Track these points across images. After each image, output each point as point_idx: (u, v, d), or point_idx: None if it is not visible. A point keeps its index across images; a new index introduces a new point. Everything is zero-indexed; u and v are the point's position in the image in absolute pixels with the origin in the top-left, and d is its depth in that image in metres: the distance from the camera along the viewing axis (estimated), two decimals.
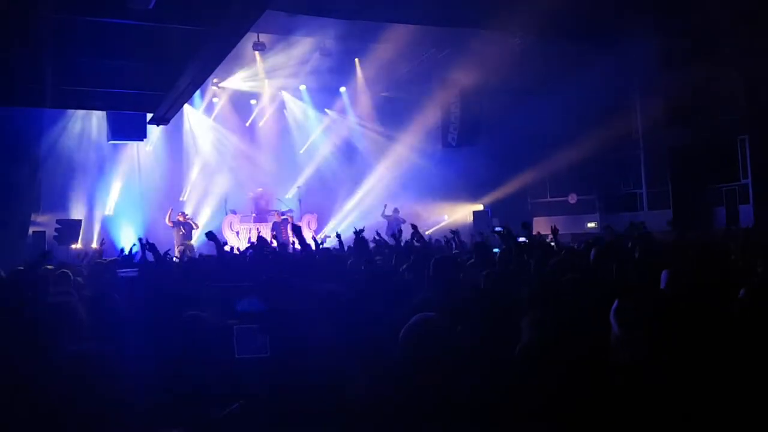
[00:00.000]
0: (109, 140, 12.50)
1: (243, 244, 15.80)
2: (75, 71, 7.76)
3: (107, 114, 11.95)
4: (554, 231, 6.92)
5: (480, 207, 16.55)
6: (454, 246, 8.29)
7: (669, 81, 12.91)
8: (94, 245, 14.72)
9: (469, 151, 15.54)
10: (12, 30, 6.48)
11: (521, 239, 6.35)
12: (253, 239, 10.29)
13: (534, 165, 15.19)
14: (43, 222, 14.04)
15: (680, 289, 3.51)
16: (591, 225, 15.21)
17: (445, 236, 8.81)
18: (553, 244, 7.00)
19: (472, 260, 6.11)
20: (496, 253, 6.24)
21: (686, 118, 13.33)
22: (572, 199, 16.15)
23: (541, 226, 13.92)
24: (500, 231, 6.87)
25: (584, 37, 12.04)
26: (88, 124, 15.20)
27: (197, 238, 15.26)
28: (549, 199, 16.78)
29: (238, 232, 16.34)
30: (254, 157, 17.87)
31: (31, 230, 13.65)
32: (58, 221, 13.78)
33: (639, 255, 5.73)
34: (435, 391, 2.23)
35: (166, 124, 10.77)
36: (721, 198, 13.76)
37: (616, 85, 13.86)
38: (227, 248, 14.57)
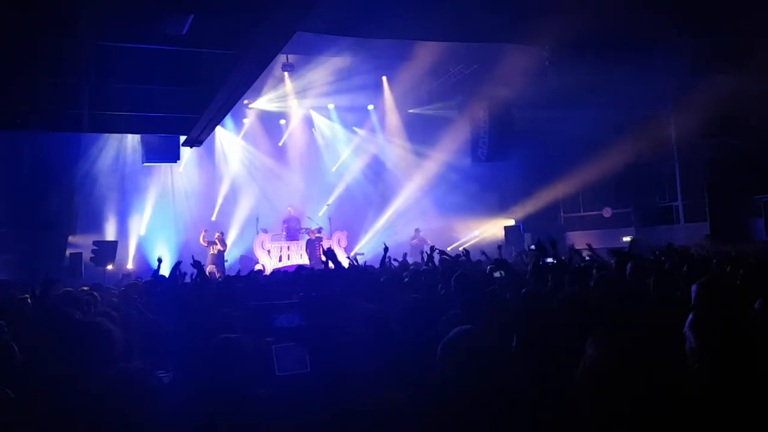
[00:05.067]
0: (143, 163, 12.72)
1: (274, 263, 15.95)
2: (112, 96, 7.93)
3: (141, 137, 12.19)
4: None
5: (512, 222, 16.38)
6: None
7: (703, 90, 12.65)
8: (130, 265, 14.96)
9: (500, 165, 15.42)
10: (52, 58, 6.67)
11: (549, 260, 6.25)
12: (284, 258, 10.40)
13: (566, 179, 15.01)
14: (80, 244, 14.31)
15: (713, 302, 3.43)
16: (627, 239, 14.92)
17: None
18: (588, 258, 6.90)
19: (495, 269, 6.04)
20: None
21: (722, 128, 13.03)
22: (607, 213, 15.86)
23: (576, 241, 13.71)
24: (534, 250, 6.78)
25: (615, 49, 11.88)
26: (123, 147, 15.54)
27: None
28: (582, 214, 16.51)
29: (269, 251, 16.46)
30: (284, 176, 18.04)
31: (68, 252, 13.93)
32: (94, 243, 14.02)
33: (671, 268, 5.62)
34: (479, 405, 2.21)
35: (199, 146, 10.95)
36: (759, 209, 13.39)
37: (648, 96, 13.65)
38: (258, 267, 14.75)
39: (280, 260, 16.22)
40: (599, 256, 6.87)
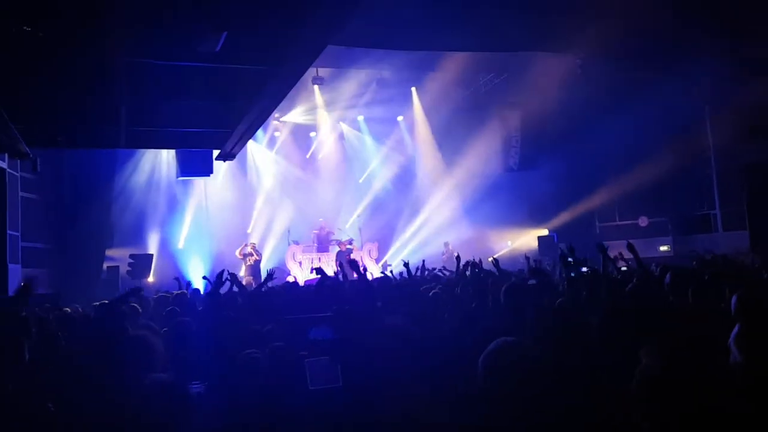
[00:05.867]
0: (177, 177, 12.96)
1: (306, 274, 16.05)
2: (147, 113, 8.11)
3: (176, 152, 12.43)
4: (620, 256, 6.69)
5: (545, 232, 16.15)
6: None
7: (740, 95, 12.35)
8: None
9: (532, 174, 15.27)
10: (90, 77, 6.85)
11: (584, 269, 6.13)
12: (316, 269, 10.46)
13: (601, 187, 14.75)
14: (117, 257, 14.60)
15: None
16: (664, 248, 14.58)
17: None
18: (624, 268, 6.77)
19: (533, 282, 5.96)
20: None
21: (761, 133, 12.67)
22: (643, 222, 15.52)
23: (613, 250, 13.43)
24: (570, 262, 6.65)
25: (648, 56, 11.70)
26: (158, 162, 15.85)
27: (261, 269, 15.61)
28: (618, 223, 16.16)
29: (301, 263, 16.59)
30: (315, 188, 18.18)
31: (105, 265, 14.22)
32: (131, 256, 14.28)
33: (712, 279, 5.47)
34: (524, 418, 2.17)
35: (232, 160, 11.10)
36: None
37: (684, 102, 13.37)
38: (290, 279, 14.84)
39: (311, 272, 16.31)
40: (614, 262, 6.71)
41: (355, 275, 5.57)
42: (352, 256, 16.14)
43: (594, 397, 2.45)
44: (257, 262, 15.55)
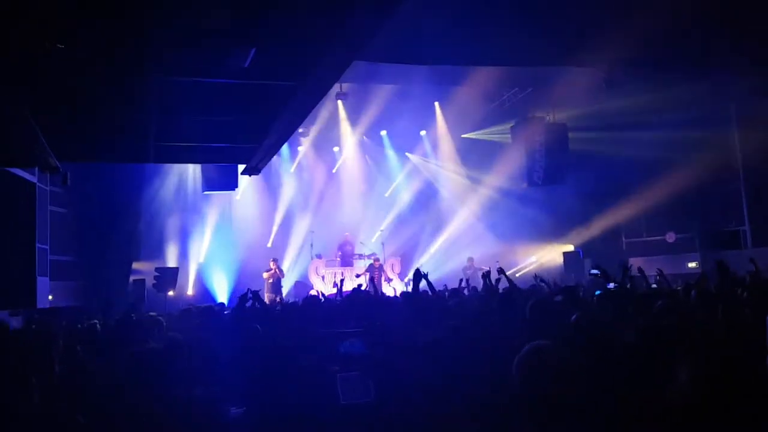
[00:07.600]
0: (203, 191, 13.10)
1: (328, 288, 16.05)
2: (176, 128, 8.21)
3: (201, 167, 12.58)
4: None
5: (570, 248, 15.96)
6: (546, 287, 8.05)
7: None
8: (189, 292, 15.30)
9: (557, 189, 15.12)
10: (121, 93, 6.97)
11: (611, 285, 6.06)
12: (338, 283, 10.51)
13: (627, 202, 14.55)
14: (143, 270, 14.77)
15: None
16: (692, 265, 14.31)
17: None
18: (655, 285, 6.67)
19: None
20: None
21: None
22: (670, 237, 15.26)
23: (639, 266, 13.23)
24: (597, 274, 6.59)
25: (674, 68, 11.58)
26: (184, 176, 16.06)
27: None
28: (645, 238, 15.91)
29: (323, 277, 16.61)
30: (338, 202, 18.24)
31: (131, 278, 14.39)
32: (156, 269, 14.44)
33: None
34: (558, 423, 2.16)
35: (257, 174, 11.19)
36: None
37: (712, 115, 13.18)
38: (313, 293, 14.86)
39: (334, 286, 16.31)
40: (646, 279, 6.58)
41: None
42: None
43: (628, 408, 2.44)
44: (279, 280, 15.60)
